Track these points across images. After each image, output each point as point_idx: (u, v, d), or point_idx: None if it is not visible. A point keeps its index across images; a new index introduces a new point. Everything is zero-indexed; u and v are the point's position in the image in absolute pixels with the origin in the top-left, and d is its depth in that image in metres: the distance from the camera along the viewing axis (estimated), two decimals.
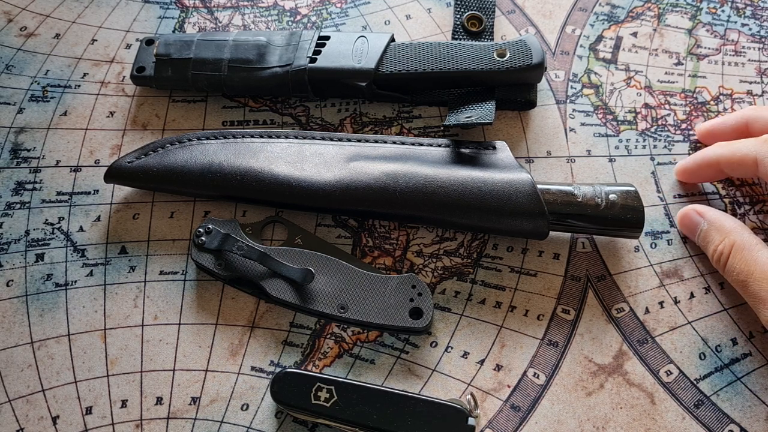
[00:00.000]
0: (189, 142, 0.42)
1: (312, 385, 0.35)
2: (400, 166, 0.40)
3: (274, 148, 0.42)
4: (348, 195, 0.40)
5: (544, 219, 0.38)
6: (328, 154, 0.41)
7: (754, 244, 0.37)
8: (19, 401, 0.37)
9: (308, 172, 0.40)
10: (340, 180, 0.40)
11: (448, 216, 0.39)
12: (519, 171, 0.40)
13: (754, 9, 0.50)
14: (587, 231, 0.40)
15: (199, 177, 0.41)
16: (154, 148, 0.42)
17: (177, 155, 0.42)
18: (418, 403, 0.35)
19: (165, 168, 0.41)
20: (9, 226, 0.42)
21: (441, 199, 0.39)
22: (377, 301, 0.38)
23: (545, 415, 0.37)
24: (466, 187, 0.39)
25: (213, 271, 0.39)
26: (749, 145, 0.38)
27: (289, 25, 0.50)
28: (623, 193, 0.38)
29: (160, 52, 0.45)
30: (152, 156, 0.42)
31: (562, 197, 0.38)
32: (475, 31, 0.47)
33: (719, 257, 0.38)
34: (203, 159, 0.41)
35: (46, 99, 0.46)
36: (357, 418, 0.34)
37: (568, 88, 0.47)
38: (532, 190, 0.38)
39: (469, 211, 0.39)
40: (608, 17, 0.50)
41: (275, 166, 0.41)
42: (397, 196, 0.39)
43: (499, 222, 0.39)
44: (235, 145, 0.42)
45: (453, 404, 0.35)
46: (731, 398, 0.37)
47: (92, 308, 0.40)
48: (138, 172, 0.41)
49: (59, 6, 0.50)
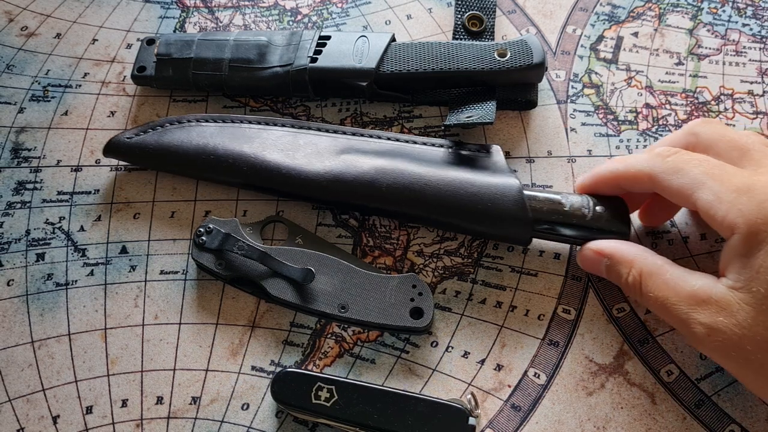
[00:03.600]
0: (188, 123, 0.43)
1: (312, 385, 0.35)
2: (389, 162, 0.40)
3: (269, 135, 0.42)
4: (336, 186, 0.40)
5: (528, 226, 0.38)
6: (321, 145, 0.42)
7: (660, 266, 0.35)
8: (20, 401, 0.37)
9: (299, 161, 0.41)
10: (330, 171, 0.40)
11: (433, 214, 0.39)
12: (508, 176, 0.40)
13: (755, 9, 0.50)
14: (572, 241, 0.39)
15: (193, 157, 0.41)
16: (154, 126, 0.43)
17: (174, 135, 0.42)
18: (418, 403, 0.35)
19: (161, 146, 0.42)
20: (10, 225, 0.42)
21: (426, 197, 0.39)
22: (378, 300, 0.38)
23: (546, 415, 0.37)
24: (453, 187, 0.39)
25: (213, 270, 0.39)
26: (642, 160, 0.36)
27: (290, 24, 0.50)
28: (611, 205, 0.38)
29: (160, 51, 0.45)
30: (151, 133, 0.43)
31: (549, 205, 0.38)
32: (475, 31, 0.47)
33: (632, 289, 0.35)
34: (199, 140, 0.42)
35: (47, 99, 0.46)
36: (357, 418, 0.34)
37: (569, 87, 0.47)
38: (518, 196, 0.38)
39: (453, 211, 0.39)
40: (609, 17, 0.50)
41: (268, 153, 0.41)
42: (383, 191, 0.39)
43: (483, 225, 0.39)
44: (232, 130, 0.43)
45: (453, 404, 0.35)
46: (732, 398, 0.37)
47: (93, 308, 0.40)
48: (135, 148, 0.42)
49: (60, 6, 0.50)
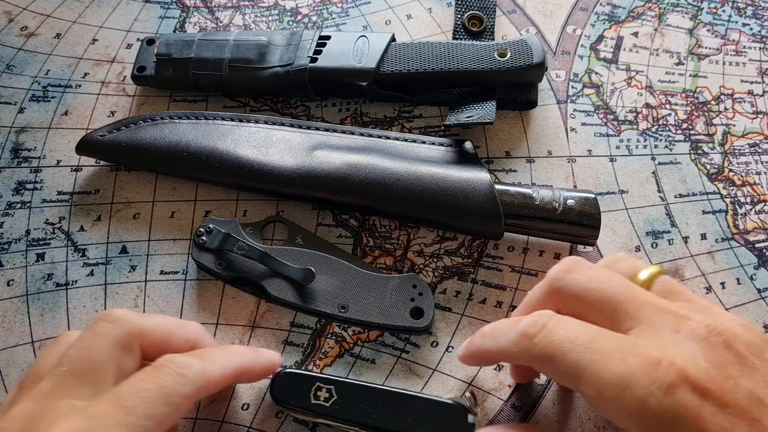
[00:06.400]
0: (161, 120, 0.43)
1: (312, 385, 0.35)
2: (362, 158, 0.41)
3: (242, 131, 0.42)
4: (308, 182, 0.40)
5: (499, 220, 0.38)
6: (294, 141, 0.42)
7: None
8: None
9: (272, 157, 0.41)
10: (302, 167, 0.40)
11: (405, 209, 0.40)
12: (479, 170, 0.40)
13: (755, 9, 0.50)
14: (543, 235, 0.40)
15: (165, 154, 0.41)
16: (127, 123, 0.43)
17: (148, 132, 0.42)
18: (418, 402, 0.35)
19: (134, 143, 0.42)
20: (10, 225, 0.42)
21: (398, 192, 0.39)
22: (378, 300, 0.38)
23: (546, 415, 0.37)
24: (424, 182, 0.39)
25: (214, 270, 0.39)
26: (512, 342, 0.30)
27: (290, 24, 0.50)
28: (582, 199, 0.38)
29: (160, 51, 0.45)
30: (124, 131, 0.42)
31: (520, 199, 0.39)
32: (475, 30, 0.47)
33: None
34: (172, 137, 0.42)
35: (47, 99, 0.46)
36: (357, 418, 0.34)
37: (569, 87, 0.47)
38: (489, 190, 0.39)
39: (425, 206, 0.39)
40: (609, 17, 0.50)
41: (240, 149, 0.41)
42: (355, 187, 0.40)
43: (455, 219, 0.39)
44: (206, 127, 0.42)
45: (453, 402, 0.35)
46: None
47: (93, 308, 0.40)
48: (108, 146, 0.42)
49: (60, 6, 0.50)
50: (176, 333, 0.32)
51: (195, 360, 0.30)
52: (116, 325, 0.30)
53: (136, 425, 0.26)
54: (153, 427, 0.27)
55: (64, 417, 0.26)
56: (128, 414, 0.26)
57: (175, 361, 0.29)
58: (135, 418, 0.26)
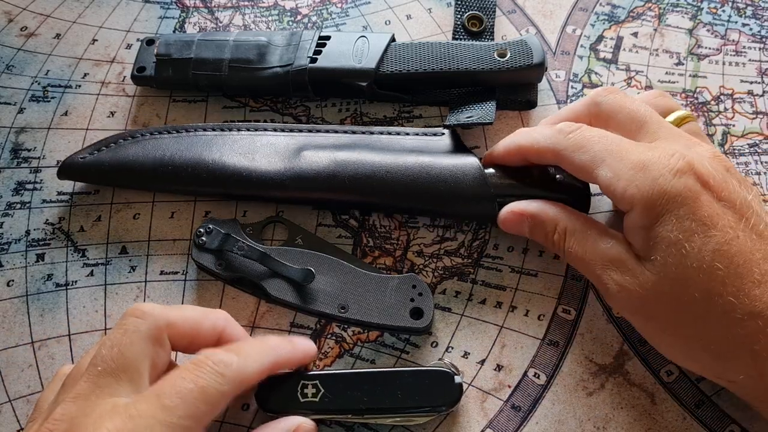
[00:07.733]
0: (142, 137, 0.42)
1: (297, 384, 0.35)
2: (349, 154, 0.41)
3: (226, 140, 0.42)
4: (299, 183, 0.40)
5: (491, 201, 0.39)
6: (280, 145, 0.42)
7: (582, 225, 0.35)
8: (20, 401, 0.37)
9: (259, 163, 0.41)
10: (291, 169, 0.40)
11: (398, 201, 0.40)
12: (467, 155, 0.40)
13: (754, 9, 0.50)
14: None
15: (150, 170, 0.41)
16: (107, 143, 0.42)
17: (129, 150, 0.42)
18: (403, 376, 0.35)
19: (117, 162, 0.41)
20: (9, 226, 0.42)
21: (389, 185, 0.39)
22: (378, 301, 0.38)
23: (546, 416, 0.37)
24: (414, 172, 0.39)
25: (213, 271, 0.39)
26: (546, 137, 0.36)
27: (290, 25, 0.50)
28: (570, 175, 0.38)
29: (160, 52, 0.45)
30: (105, 151, 0.42)
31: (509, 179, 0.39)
32: (475, 31, 0.47)
33: (556, 246, 0.36)
34: (155, 152, 0.41)
35: (47, 99, 0.46)
36: (349, 405, 0.34)
37: (569, 88, 0.47)
38: (478, 173, 0.39)
39: (417, 195, 0.39)
40: (609, 17, 0.50)
41: (226, 158, 0.41)
42: (346, 183, 0.40)
43: (448, 206, 0.40)
44: (189, 139, 0.42)
45: (436, 368, 0.35)
46: (732, 398, 0.37)
47: (93, 308, 0.40)
48: (91, 168, 0.41)
49: (60, 6, 0.50)
50: (203, 322, 0.33)
51: (233, 357, 0.30)
52: (144, 320, 0.30)
53: (176, 424, 0.27)
54: (193, 426, 0.28)
55: (109, 417, 0.27)
56: (169, 413, 0.27)
57: (214, 358, 0.30)
58: (176, 418, 0.27)
